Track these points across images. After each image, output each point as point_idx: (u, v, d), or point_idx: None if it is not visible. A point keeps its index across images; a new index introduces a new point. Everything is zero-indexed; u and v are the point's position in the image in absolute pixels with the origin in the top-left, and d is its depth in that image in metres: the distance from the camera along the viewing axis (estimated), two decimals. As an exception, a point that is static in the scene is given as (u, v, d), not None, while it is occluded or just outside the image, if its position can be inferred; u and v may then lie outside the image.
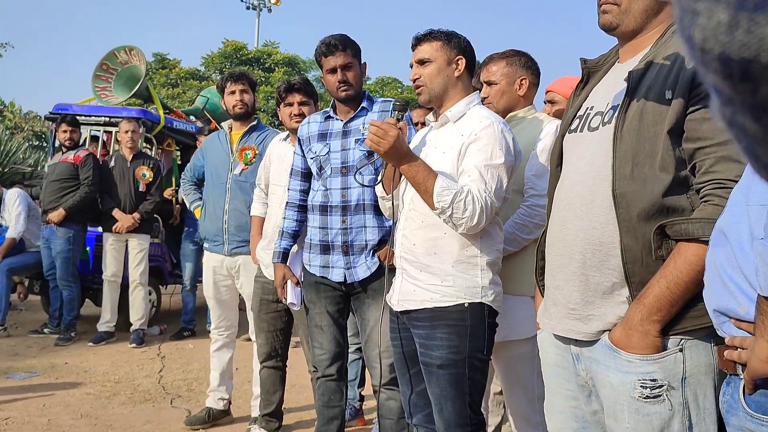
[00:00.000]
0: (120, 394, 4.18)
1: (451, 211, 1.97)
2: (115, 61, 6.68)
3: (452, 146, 2.12)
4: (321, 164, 2.70)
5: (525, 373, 2.45)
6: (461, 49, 2.21)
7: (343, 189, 2.64)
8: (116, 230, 5.55)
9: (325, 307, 2.76)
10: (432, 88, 2.18)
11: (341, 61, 2.63)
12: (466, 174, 2.05)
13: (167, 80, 24.36)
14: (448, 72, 2.18)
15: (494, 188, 2.03)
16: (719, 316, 1.26)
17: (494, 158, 2.05)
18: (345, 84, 2.64)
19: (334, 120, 2.74)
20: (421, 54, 2.20)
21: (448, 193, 1.97)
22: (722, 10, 0.35)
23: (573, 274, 1.51)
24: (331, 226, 2.65)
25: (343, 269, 2.65)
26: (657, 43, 1.50)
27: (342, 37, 2.67)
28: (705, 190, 1.35)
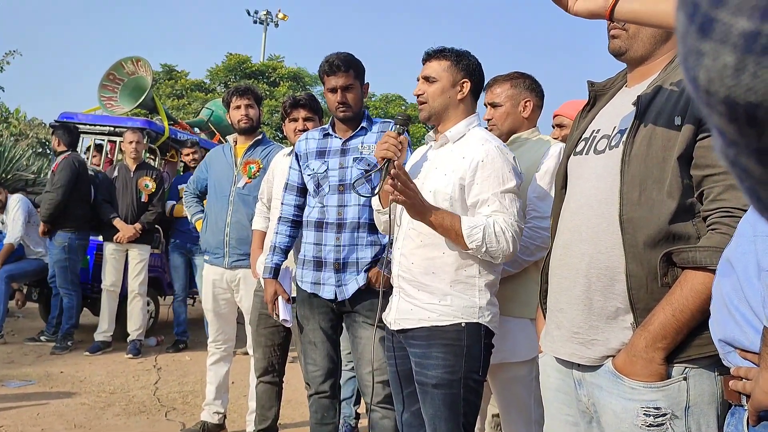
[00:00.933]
0: (114, 405, 4.14)
1: (485, 247, 2.00)
2: (121, 71, 6.72)
3: (453, 169, 2.12)
4: (319, 181, 2.71)
5: (522, 396, 2.44)
6: (468, 71, 2.21)
7: (340, 206, 2.65)
8: (117, 240, 5.55)
9: (319, 323, 2.75)
10: (433, 107, 2.20)
11: (342, 82, 2.65)
12: (485, 204, 2.06)
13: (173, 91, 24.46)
14: (451, 93, 2.19)
15: (516, 212, 2.07)
16: (725, 346, 1.25)
17: (507, 182, 2.07)
18: (344, 105, 2.66)
19: (333, 138, 2.75)
20: (428, 71, 2.21)
21: (478, 231, 1.98)
22: (729, 53, 0.34)
23: (577, 297, 1.50)
24: (326, 242, 2.65)
25: (334, 286, 2.64)
26: (666, 69, 1.50)
27: (346, 57, 2.68)
28: (712, 218, 1.35)
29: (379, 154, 2.17)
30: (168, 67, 25.61)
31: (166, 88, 24.46)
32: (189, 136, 6.86)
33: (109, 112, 6.69)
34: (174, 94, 24.53)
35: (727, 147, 0.38)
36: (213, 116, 7.33)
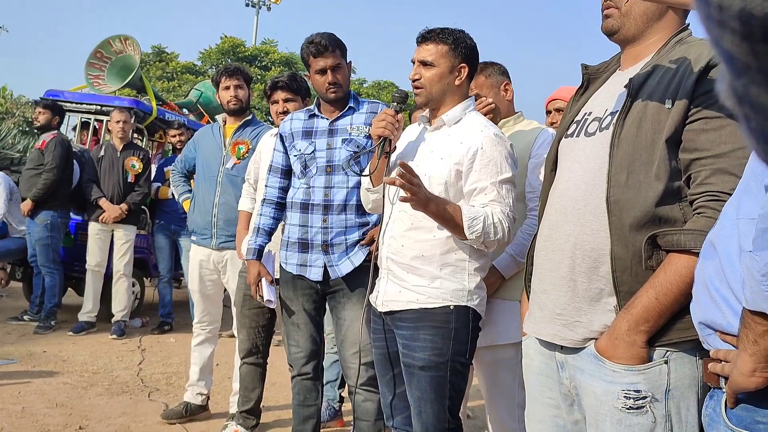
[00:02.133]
0: (97, 384, 4.12)
1: (484, 237, 2.00)
2: (109, 49, 6.64)
3: (450, 154, 2.10)
4: (306, 162, 2.68)
5: (507, 379, 2.45)
6: (466, 56, 2.18)
7: (327, 188, 2.62)
8: (103, 220, 5.50)
9: (302, 304, 2.75)
10: (431, 92, 2.16)
11: (331, 63, 2.61)
12: (483, 193, 2.06)
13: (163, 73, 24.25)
14: (449, 79, 2.16)
15: (512, 202, 2.08)
16: (705, 328, 1.25)
17: (504, 172, 2.07)
18: (335, 86, 2.63)
19: (319, 118, 2.71)
20: (425, 54, 2.15)
21: (478, 223, 1.98)
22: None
23: (561, 279, 1.50)
24: (312, 224, 2.62)
25: (322, 268, 2.63)
26: (659, 52, 1.49)
27: (330, 36, 2.64)
28: (699, 202, 1.35)
29: (375, 132, 2.15)
30: (158, 48, 25.39)
31: (156, 70, 24.27)
32: (177, 117, 6.80)
33: (96, 90, 6.61)
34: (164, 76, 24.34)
35: (737, 78, 0.36)
36: (202, 97, 7.27)
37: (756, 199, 1.12)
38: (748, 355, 1.10)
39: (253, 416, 3.35)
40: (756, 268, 1.04)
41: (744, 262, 1.08)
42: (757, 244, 1.06)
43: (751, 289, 1.06)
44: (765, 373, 1.10)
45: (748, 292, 1.07)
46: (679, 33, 1.51)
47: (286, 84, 3.23)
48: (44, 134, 5.65)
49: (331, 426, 3.68)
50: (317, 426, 2.88)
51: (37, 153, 5.62)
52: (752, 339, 1.08)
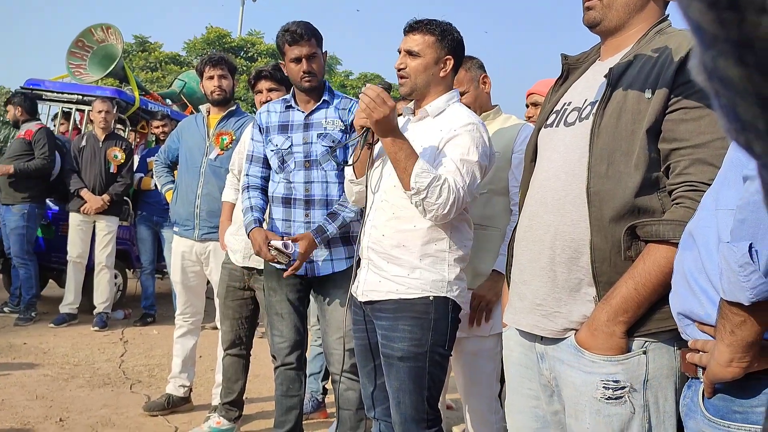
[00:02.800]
0: (78, 376, 4.09)
1: (425, 194, 1.95)
2: (91, 38, 6.55)
3: (431, 141, 2.10)
4: (283, 157, 2.66)
5: (487, 369, 2.47)
6: (452, 48, 2.17)
7: (307, 183, 2.62)
8: (84, 211, 5.44)
9: (286, 294, 2.74)
10: (415, 83, 2.15)
11: (306, 51, 2.59)
12: (443, 165, 2.04)
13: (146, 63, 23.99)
14: (434, 70, 2.16)
15: (468, 183, 2.02)
16: (683, 319, 1.26)
17: (470, 154, 2.04)
18: (310, 74, 2.61)
19: (295, 111, 2.70)
20: (411, 44, 2.15)
21: (427, 176, 1.94)
22: None
23: (541, 269, 1.50)
24: (294, 218, 2.63)
25: (305, 263, 2.62)
26: (639, 42, 1.49)
27: (306, 25, 2.62)
28: (677, 192, 1.35)
29: (358, 123, 2.13)
30: (141, 38, 25.10)
31: (140, 60, 23.99)
32: (160, 107, 6.73)
33: (77, 80, 6.53)
34: (147, 66, 24.06)
35: (705, 50, 0.35)
36: (185, 88, 7.20)
37: (734, 189, 1.12)
38: (725, 346, 1.11)
39: (235, 408, 3.34)
40: (733, 259, 1.04)
41: (721, 252, 1.08)
42: (734, 234, 1.06)
43: (728, 280, 1.06)
44: (742, 363, 1.11)
45: (726, 283, 1.07)
46: (659, 23, 1.51)
47: (270, 74, 3.20)
48: (27, 124, 5.57)
49: (314, 417, 3.67)
50: (300, 417, 2.88)
51: (20, 143, 5.53)
52: (729, 329, 1.09)
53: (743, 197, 1.05)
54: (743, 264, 1.02)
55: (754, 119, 0.36)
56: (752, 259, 1.02)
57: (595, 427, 1.39)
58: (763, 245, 1.01)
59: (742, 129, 0.38)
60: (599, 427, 1.39)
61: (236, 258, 3.15)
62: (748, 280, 1.02)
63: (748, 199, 1.04)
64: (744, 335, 1.07)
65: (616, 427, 1.37)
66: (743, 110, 0.36)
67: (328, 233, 2.57)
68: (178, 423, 3.46)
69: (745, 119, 0.37)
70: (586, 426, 1.41)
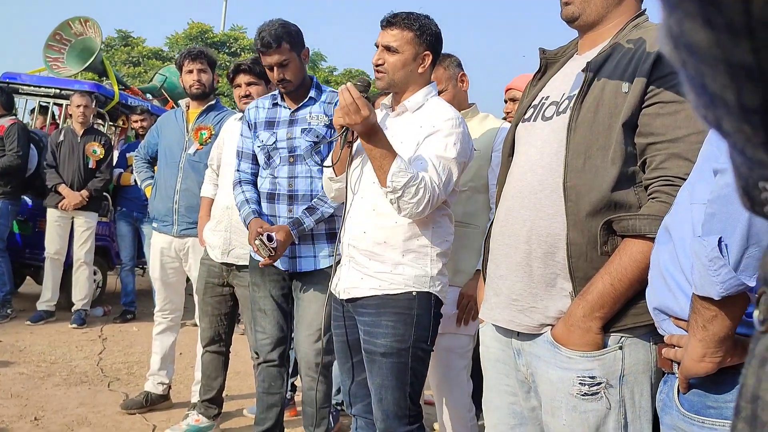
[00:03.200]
0: (55, 375, 4.03)
1: (401, 192, 1.93)
2: (69, 31, 6.45)
3: (410, 137, 2.09)
4: (269, 153, 2.66)
5: (458, 366, 2.48)
6: (430, 44, 2.15)
7: (290, 178, 2.61)
8: (62, 207, 5.35)
9: (270, 291, 2.73)
10: (393, 79, 2.13)
11: (276, 60, 2.56)
12: (419, 160, 2.02)
13: (129, 58, 23.74)
14: (413, 67, 2.14)
15: (444, 180, 2.01)
16: (659, 314, 1.25)
17: (447, 152, 2.03)
18: (283, 82, 2.60)
19: (282, 107, 2.70)
20: (389, 39, 2.12)
21: (404, 175, 1.92)
22: None
23: (517, 264, 1.49)
24: (279, 214, 2.62)
25: (288, 257, 2.63)
26: (616, 36, 1.49)
27: (276, 32, 2.54)
28: (653, 187, 1.34)
29: (338, 122, 2.10)
30: (123, 32, 24.84)
31: (122, 54, 23.74)
32: (140, 102, 6.65)
33: (55, 73, 6.43)
34: (130, 61, 23.83)
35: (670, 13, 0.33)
36: (166, 83, 7.12)
37: (708, 183, 1.12)
38: (698, 341, 1.10)
39: (215, 405, 3.31)
40: (704, 253, 1.03)
41: (693, 246, 1.07)
42: (705, 228, 1.06)
43: (699, 274, 1.06)
44: (714, 358, 1.10)
45: (697, 277, 1.07)
46: (636, 18, 1.51)
47: (249, 68, 3.17)
48: (1, 119, 5.47)
49: (284, 415, 3.63)
50: (281, 414, 2.86)
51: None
52: (701, 324, 1.09)
53: (713, 191, 1.05)
54: (713, 258, 1.02)
55: (723, 90, 0.34)
56: (722, 254, 1.01)
57: (571, 424, 1.39)
58: (732, 239, 1.01)
59: (711, 103, 0.36)
60: (575, 423, 1.38)
61: (215, 254, 3.12)
62: (718, 274, 1.01)
63: (718, 192, 1.03)
64: (715, 330, 1.07)
65: (592, 423, 1.37)
66: (711, 80, 0.34)
67: (305, 226, 2.55)
68: (156, 421, 3.42)
69: (713, 91, 0.35)
70: (562, 422, 1.40)
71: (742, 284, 1.02)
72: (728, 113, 0.35)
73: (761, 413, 0.36)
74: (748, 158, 0.37)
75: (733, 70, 0.33)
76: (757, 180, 0.39)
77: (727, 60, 0.33)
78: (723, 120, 0.36)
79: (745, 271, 1.01)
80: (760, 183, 0.38)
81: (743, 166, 0.39)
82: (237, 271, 3.08)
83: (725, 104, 0.35)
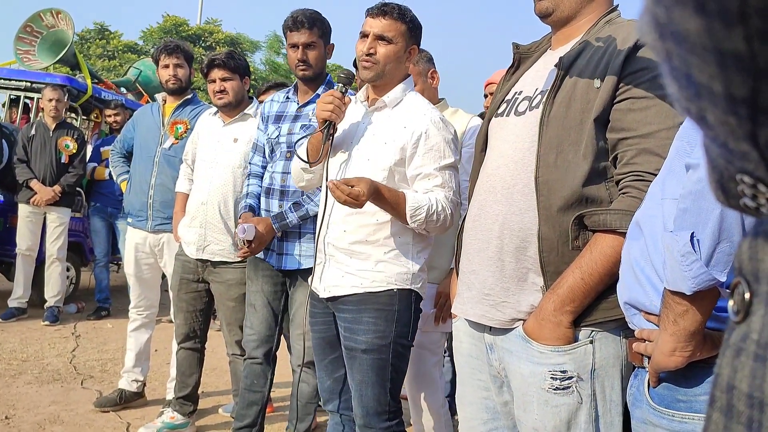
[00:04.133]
0: (26, 372, 3.96)
1: (425, 224, 1.97)
2: (40, 23, 6.32)
3: (394, 138, 2.05)
4: (273, 147, 2.69)
5: (430, 362, 2.50)
6: (417, 38, 2.15)
7: (284, 173, 2.61)
8: (34, 203, 5.25)
9: (261, 286, 2.73)
10: (383, 70, 2.07)
11: (304, 39, 2.58)
12: (426, 178, 2.02)
13: (104, 51, 23.40)
14: (402, 59, 2.11)
15: (455, 187, 2.05)
16: (630, 308, 1.26)
17: (447, 157, 2.03)
18: (304, 63, 2.60)
19: (292, 102, 2.72)
20: (383, 29, 2.05)
21: (422, 212, 1.95)
22: None
23: (489, 259, 1.49)
24: (270, 209, 2.62)
25: (276, 254, 2.64)
26: (589, 32, 1.49)
27: (312, 14, 2.61)
28: (624, 182, 1.35)
29: (321, 116, 2.07)
30: (100, 25, 24.49)
31: (97, 48, 23.41)
32: (114, 95, 6.55)
33: (26, 66, 6.30)
34: (105, 54, 23.50)
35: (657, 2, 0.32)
36: (141, 76, 7.02)
37: (679, 179, 1.13)
38: (669, 335, 1.11)
39: (190, 402, 3.27)
40: (676, 248, 1.04)
41: (664, 241, 1.08)
42: (677, 223, 1.06)
43: (671, 269, 1.06)
44: (685, 352, 1.11)
45: (669, 272, 1.07)
46: (609, 13, 1.51)
47: (223, 62, 3.11)
48: None
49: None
50: (261, 413, 2.83)
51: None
52: (672, 319, 1.09)
53: (686, 186, 1.05)
54: (685, 253, 1.02)
55: (711, 81, 0.33)
56: (694, 249, 1.02)
57: (542, 418, 1.39)
58: (704, 235, 1.02)
59: (695, 95, 0.35)
60: (547, 417, 1.39)
61: (190, 250, 3.09)
62: (690, 269, 1.02)
63: (691, 188, 1.04)
64: (686, 324, 1.08)
65: (563, 417, 1.38)
66: (699, 71, 0.33)
67: (288, 221, 2.54)
68: (130, 419, 3.38)
69: (700, 82, 0.34)
70: (534, 417, 1.41)
71: (713, 279, 1.02)
72: (714, 104, 0.34)
73: (736, 403, 0.36)
74: (729, 150, 0.37)
75: (723, 60, 0.32)
76: (734, 173, 0.38)
77: (718, 48, 0.32)
78: (707, 112, 0.35)
79: (716, 266, 1.02)
80: (737, 175, 0.38)
81: (720, 158, 0.39)
82: (212, 267, 3.06)
83: (712, 95, 0.34)
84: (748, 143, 0.35)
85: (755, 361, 0.35)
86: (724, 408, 0.37)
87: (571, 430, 1.37)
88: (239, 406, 2.84)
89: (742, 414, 0.35)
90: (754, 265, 0.37)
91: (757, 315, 0.36)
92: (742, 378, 0.36)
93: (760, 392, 0.34)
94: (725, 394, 0.37)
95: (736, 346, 0.37)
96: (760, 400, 0.34)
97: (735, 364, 0.37)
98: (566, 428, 1.38)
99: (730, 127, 0.35)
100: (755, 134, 0.34)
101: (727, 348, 0.38)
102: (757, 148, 0.34)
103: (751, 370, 0.35)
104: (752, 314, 0.36)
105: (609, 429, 1.38)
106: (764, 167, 0.35)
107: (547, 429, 1.39)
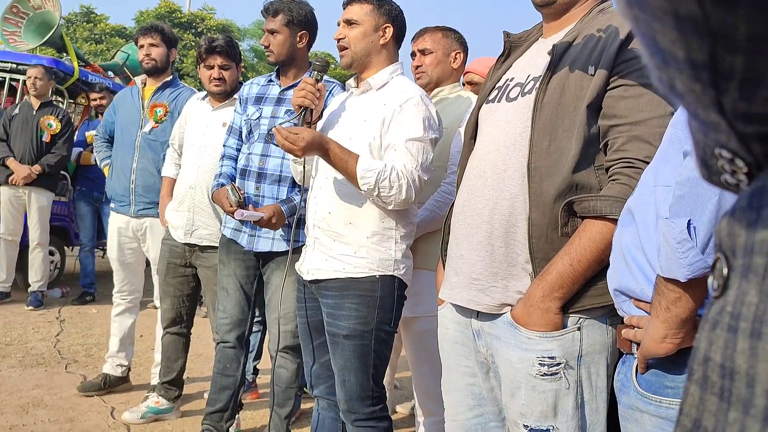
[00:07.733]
0: (10, 357, 3.92)
1: (377, 191, 1.94)
2: (26, 4, 6.22)
3: (374, 115, 2.07)
4: (251, 128, 2.66)
5: (432, 348, 2.47)
6: (391, 16, 2.15)
7: (263, 156, 2.58)
8: (12, 182, 5.13)
9: (234, 270, 2.71)
10: (355, 52, 2.12)
11: (269, 26, 2.61)
12: (392, 149, 2.01)
13: (91, 35, 23.12)
14: (374, 38, 2.13)
15: (420, 162, 2.01)
16: (619, 295, 1.26)
17: (417, 131, 2.01)
18: (267, 49, 2.63)
19: (274, 85, 2.70)
20: (349, 14, 2.13)
21: (372, 174, 1.92)
22: None
23: (479, 243, 1.48)
24: (246, 190, 2.60)
25: (248, 235, 2.62)
26: (582, 20, 1.49)
27: (278, 4, 2.60)
28: (614, 169, 1.35)
29: (296, 102, 2.11)
30: (87, 8, 24.19)
31: (84, 31, 23.13)
32: (101, 79, 6.47)
33: (11, 47, 6.21)
34: (92, 38, 23.23)
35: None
36: (129, 60, 6.94)
37: (673, 166, 1.12)
38: (660, 322, 1.11)
39: (175, 387, 3.26)
40: (672, 235, 1.04)
41: (660, 228, 1.08)
42: (673, 210, 1.06)
43: (666, 256, 1.06)
44: (675, 339, 1.11)
45: (663, 259, 1.07)
46: (602, 3, 1.51)
47: (225, 49, 3.02)
48: None
49: (246, 398, 3.59)
50: (233, 397, 2.80)
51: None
52: (665, 306, 1.09)
53: (682, 173, 1.05)
54: (681, 240, 1.02)
55: (673, 46, 0.33)
56: (690, 236, 1.02)
57: (530, 404, 1.39)
58: (700, 222, 1.01)
59: (663, 62, 0.35)
60: (534, 403, 1.39)
61: (178, 234, 3.06)
62: (686, 256, 1.02)
63: (687, 175, 1.04)
64: (678, 312, 1.08)
65: (550, 403, 1.38)
66: (662, 36, 0.33)
67: (295, 203, 2.50)
68: (114, 403, 3.36)
69: (664, 48, 0.34)
70: (521, 402, 1.41)
71: (708, 266, 1.02)
72: (679, 71, 0.35)
73: (710, 374, 0.36)
74: (701, 122, 0.37)
75: (680, 24, 0.32)
76: (713, 147, 0.38)
77: (675, 12, 0.32)
78: (675, 80, 0.35)
79: (711, 253, 1.02)
80: (716, 150, 0.38)
81: (699, 133, 0.39)
82: (200, 252, 3.04)
83: (676, 61, 0.34)
84: (715, 112, 0.35)
85: (728, 332, 0.35)
86: (700, 380, 0.37)
87: (557, 416, 1.38)
88: (211, 391, 2.82)
89: (715, 384, 0.36)
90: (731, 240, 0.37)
91: (733, 288, 0.36)
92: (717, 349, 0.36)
93: (731, 362, 0.34)
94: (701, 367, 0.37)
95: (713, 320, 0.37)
96: (731, 369, 0.34)
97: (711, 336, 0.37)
98: (553, 413, 1.38)
99: (696, 94, 0.35)
100: (720, 102, 0.34)
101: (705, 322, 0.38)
102: (724, 117, 0.35)
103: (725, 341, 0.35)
104: (729, 288, 0.37)
105: (594, 414, 1.38)
106: (735, 138, 0.36)
107: (534, 414, 1.39)
